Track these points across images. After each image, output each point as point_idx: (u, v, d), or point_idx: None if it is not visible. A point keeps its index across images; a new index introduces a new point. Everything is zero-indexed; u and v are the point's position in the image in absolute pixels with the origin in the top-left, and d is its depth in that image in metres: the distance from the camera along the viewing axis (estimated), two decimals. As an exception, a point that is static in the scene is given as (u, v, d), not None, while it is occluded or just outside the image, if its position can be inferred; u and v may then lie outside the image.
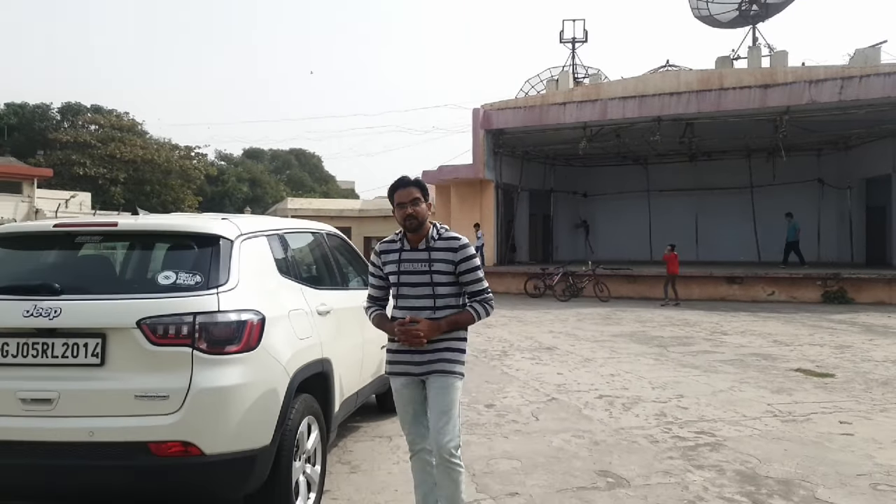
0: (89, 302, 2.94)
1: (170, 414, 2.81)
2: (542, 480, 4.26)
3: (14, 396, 2.84)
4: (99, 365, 2.87)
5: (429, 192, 3.18)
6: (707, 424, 5.56)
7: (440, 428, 2.99)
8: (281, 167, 67.62)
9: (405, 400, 3.14)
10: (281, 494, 3.19)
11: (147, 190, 40.77)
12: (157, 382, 2.83)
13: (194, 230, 3.25)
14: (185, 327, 2.86)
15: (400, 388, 3.13)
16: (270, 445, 3.07)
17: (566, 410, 6.08)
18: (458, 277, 3.10)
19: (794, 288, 16.89)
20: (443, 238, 3.12)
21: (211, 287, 3.00)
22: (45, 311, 2.85)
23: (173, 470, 2.83)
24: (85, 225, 3.30)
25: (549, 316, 13.95)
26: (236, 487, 2.98)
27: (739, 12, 23.08)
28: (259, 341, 3.05)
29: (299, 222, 4.49)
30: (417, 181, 3.14)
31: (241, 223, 3.45)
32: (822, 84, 16.81)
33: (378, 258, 3.21)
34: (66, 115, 44.85)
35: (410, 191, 3.07)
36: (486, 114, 21.02)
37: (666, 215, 24.53)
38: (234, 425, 2.91)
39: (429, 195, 3.19)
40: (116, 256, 3.43)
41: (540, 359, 8.80)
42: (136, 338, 2.85)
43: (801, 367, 8.13)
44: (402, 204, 3.07)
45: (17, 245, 3.40)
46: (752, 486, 4.15)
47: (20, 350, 2.90)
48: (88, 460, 2.79)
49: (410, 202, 3.05)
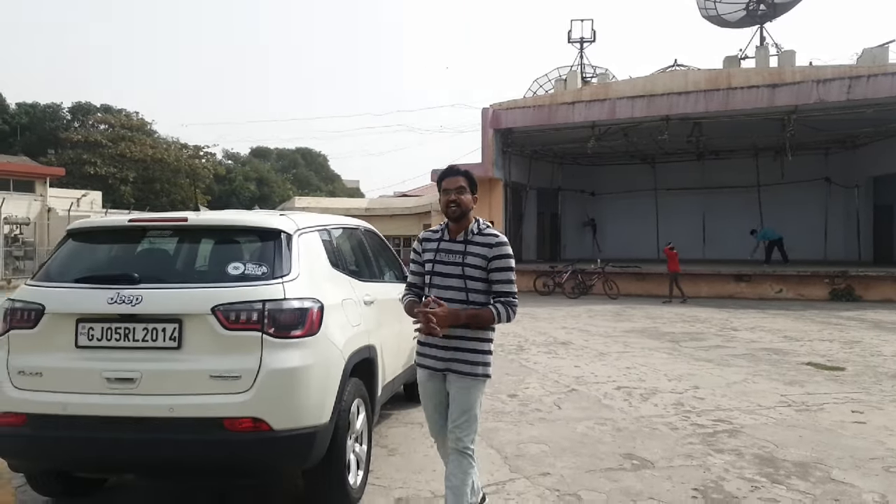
0: (167, 290, 3.20)
1: (242, 392, 3.06)
2: (571, 462, 4.51)
3: (100, 376, 3.11)
4: (176, 348, 3.12)
5: (477, 187, 3.22)
6: (724, 413, 5.80)
7: (459, 424, 3.06)
8: (287, 166, 67.98)
9: (427, 392, 3.19)
10: (337, 469, 3.45)
11: (157, 189, 41.12)
12: (230, 363, 3.09)
13: (258, 225, 3.51)
14: (255, 314, 3.12)
15: (424, 381, 3.19)
16: (329, 423, 3.33)
17: (587, 400, 6.31)
18: (489, 274, 3.08)
19: (802, 286, 17.09)
20: (482, 233, 3.12)
21: (276, 277, 3.26)
22: (128, 299, 3.11)
23: (244, 444, 3.08)
24: (157, 220, 3.56)
25: (560, 312, 14.18)
26: (299, 461, 3.23)
27: (747, 12, 23.26)
28: (319, 327, 3.31)
29: (341, 219, 4.74)
30: (467, 172, 3.18)
31: (296, 219, 3.71)
32: (830, 83, 16.97)
33: (420, 245, 3.26)
34: (76, 115, 45.29)
35: (457, 179, 3.12)
36: (496, 113, 21.25)
37: (673, 214, 24.76)
38: (299, 403, 3.16)
39: (476, 189, 3.21)
40: (185, 249, 3.68)
41: (556, 353, 9.04)
42: (210, 323, 3.11)
43: (811, 360, 8.35)
44: (448, 190, 3.11)
45: (94, 239, 3.67)
46: (771, 468, 4.39)
47: (104, 334, 3.16)
48: (169, 434, 3.05)
49: (455, 189, 3.10)
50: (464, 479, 3.06)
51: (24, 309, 3.26)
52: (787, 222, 22.62)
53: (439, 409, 3.16)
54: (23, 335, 3.24)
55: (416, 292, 3.28)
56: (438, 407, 3.16)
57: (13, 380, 3.21)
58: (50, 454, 3.22)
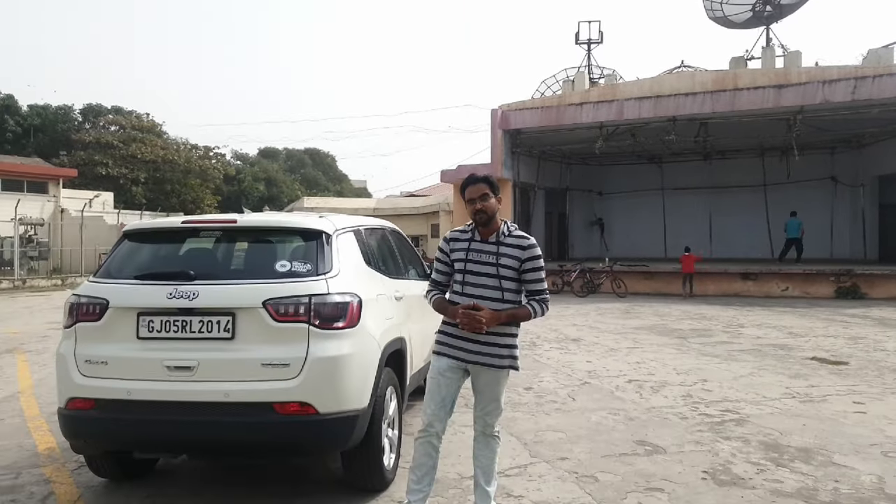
0: (221, 286, 3.51)
1: (290, 379, 3.36)
2: (587, 448, 4.80)
3: (161, 364, 3.41)
4: (230, 338, 3.42)
5: (499, 188, 3.37)
6: (731, 404, 6.07)
7: (489, 411, 3.32)
8: (295, 166, 68.37)
9: (443, 381, 3.28)
10: (374, 451, 3.75)
11: (167, 189, 41.50)
12: (279, 352, 3.38)
13: (300, 226, 3.81)
14: (302, 307, 3.42)
15: (443, 370, 3.28)
16: (368, 408, 3.62)
17: (599, 392, 6.59)
18: (522, 275, 3.24)
19: (808, 284, 17.31)
20: (513, 235, 3.29)
21: (320, 274, 3.56)
22: (185, 294, 3.42)
23: (293, 426, 3.37)
24: (209, 221, 3.88)
25: (569, 310, 14.44)
26: (342, 442, 3.52)
27: (753, 13, 23.43)
28: (359, 319, 3.60)
29: (370, 220, 5.04)
30: (487, 178, 3.31)
31: (334, 220, 4.01)
32: (835, 84, 17.17)
33: (447, 244, 3.38)
34: (87, 117, 45.76)
35: (480, 187, 3.25)
36: (504, 114, 21.51)
37: (680, 213, 24.99)
38: (342, 389, 3.46)
39: (499, 191, 3.35)
40: (234, 248, 3.98)
41: (568, 349, 9.32)
42: (261, 316, 3.40)
43: (816, 355, 8.61)
44: (472, 200, 3.25)
45: (148, 239, 3.99)
46: (776, 453, 4.66)
47: (163, 326, 3.46)
48: (225, 417, 3.35)
49: (479, 198, 3.23)
50: (492, 458, 3.38)
51: (90, 303, 3.57)
52: (793, 221, 22.85)
53: (446, 401, 3.30)
54: (89, 327, 3.55)
55: (442, 290, 3.43)
56: (446, 399, 3.31)
57: (81, 368, 3.52)
58: (116, 436, 3.52)
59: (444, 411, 3.31)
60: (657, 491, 3.97)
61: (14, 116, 43.83)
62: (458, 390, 3.37)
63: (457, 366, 3.30)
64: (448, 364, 3.30)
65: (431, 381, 3.34)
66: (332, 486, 4.06)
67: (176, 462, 4.52)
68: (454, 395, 3.34)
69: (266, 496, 3.93)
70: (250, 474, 4.34)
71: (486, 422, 3.34)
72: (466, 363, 3.28)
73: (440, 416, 3.31)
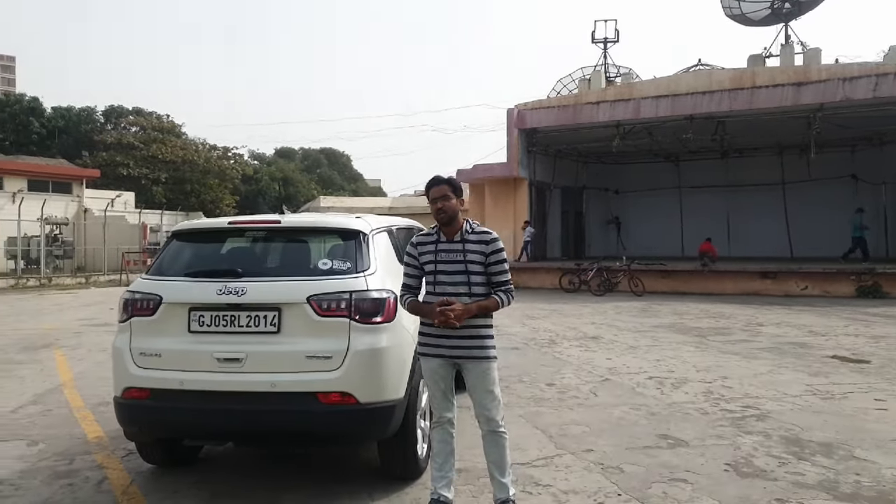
0: (267, 283, 3.71)
1: (333, 370, 3.55)
2: (611, 441, 4.95)
3: (211, 356, 3.61)
4: (276, 332, 3.62)
5: (462, 190, 3.54)
6: (751, 400, 6.18)
7: (487, 405, 3.42)
8: (311, 166, 68.89)
9: (438, 377, 3.47)
10: (410, 440, 3.94)
11: (187, 189, 42.08)
12: (322, 345, 3.58)
13: (340, 226, 4.02)
14: (343, 303, 3.61)
15: (436, 368, 3.46)
16: (404, 398, 3.81)
17: (620, 389, 6.73)
18: (487, 268, 3.43)
19: (828, 282, 17.26)
20: (475, 232, 3.48)
21: (359, 271, 3.76)
22: (234, 290, 3.62)
23: (335, 415, 3.57)
24: (254, 222, 4.08)
25: (587, 309, 14.56)
26: (381, 431, 3.71)
27: (772, 10, 23.41)
28: (395, 314, 3.78)
29: (400, 220, 5.23)
30: (449, 179, 3.51)
31: (369, 220, 4.20)
32: (856, 81, 17.11)
33: (415, 249, 3.55)
34: (109, 118, 46.47)
35: (442, 188, 3.45)
36: (521, 113, 21.65)
37: (697, 212, 24.97)
38: (381, 380, 3.65)
39: (461, 193, 3.53)
40: (278, 247, 4.18)
41: (587, 346, 9.46)
42: (306, 311, 3.60)
43: (836, 354, 8.67)
44: (435, 199, 3.45)
45: (196, 238, 4.20)
46: (797, 447, 4.78)
47: (213, 321, 3.67)
48: (272, 406, 3.55)
49: (441, 198, 3.43)
50: (502, 453, 3.51)
51: (144, 299, 3.78)
52: (813, 220, 22.76)
53: (447, 393, 3.50)
54: (143, 321, 3.77)
55: (414, 293, 3.58)
56: (446, 391, 3.50)
57: (136, 360, 3.74)
58: (170, 424, 3.74)
59: (449, 402, 3.53)
60: (681, 482, 4.11)
61: (39, 118, 44.65)
62: (454, 378, 3.54)
63: (445, 361, 3.47)
64: (438, 362, 3.47)
65: (429, 380, 3.53)
66: (368, 474, 4.24)
67: (219, 450, 4.73)
68: (452, 385, 3.52)
69: (305, 484, 4.12)
70: (289, 463, 4.54)
71: (488, 416, 3.46)
72: (453, 359, 3.45)
73: (446, 406, 3.53)
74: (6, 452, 4.78)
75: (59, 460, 4.58)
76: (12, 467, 4.46)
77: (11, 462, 4.56)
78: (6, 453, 4.76)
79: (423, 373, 3.56)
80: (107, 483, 4.14)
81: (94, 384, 7.01)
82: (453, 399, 3.57)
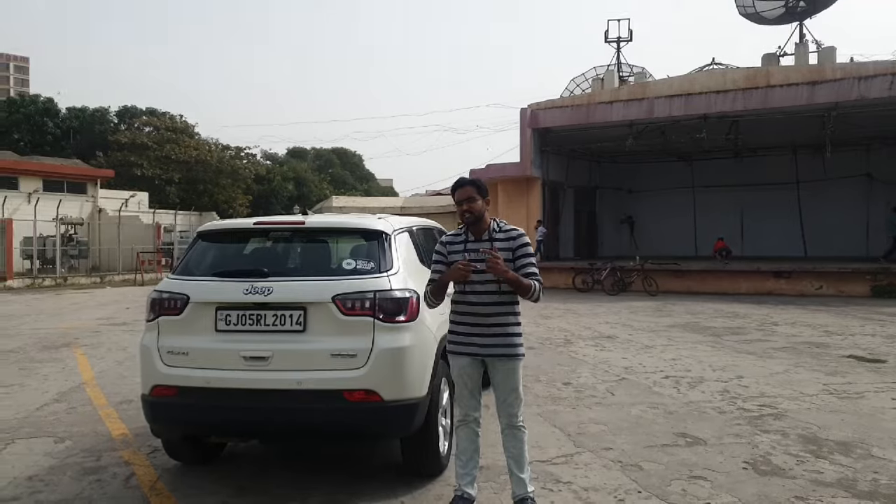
0: (293, 282, 3.78)
1: (358, 368, 3.62)
2: (630, 439, 4.98)
3: (238, 355, 3.69)
4: (302, 331, 3.69)
5: (487, 190, 3.61)
6: (768, 399, 6.20)
7: (510, 402, 3.52)
8: (323, 166, 69.06)
9: (466, 376, 3.52)
10: (432, 437, 3.99)
11: (200, 189, 42.32)
12: (347, 344, 3.64)
13: (363, 227, 4.08)
14: (368, 302, 3.67)
15: (465, 367, 3.52)
16: (427, 396, 3.86)
17: (637, 388, 6.76)
18: (515, 262, 3.48)
19: (843, 282, 17.16)
20: (502, 230, 3.56)
21: (382, 271, 3.82)
22: (261, 290, 3.69)
23: (359, 412, 3.63)
24: (279, 223, 4.15)
25: (601, 308, 14.56)
26: (405, 428, 3.77)
27: (786, 9, 23.25)
28: (418, 313, 3.84)
29: (420, 220, 5.29)
30: (474, 181, 3.58)
31: (392, 221, 4.27)
32: (871, 80, 16.98)
33: (444, 247, 3.61)
34: (123, 118, 46.85)
35: (467, 190, 3.52)
36: (534, 113, 21.65)
37: (711, 211, 24.85)
38: (405, 378, 3.71)
39: (487, 193, 3.60)
40: (302, 247, 4.24)
41: (603, 346, 9.48)
42: (331, 310, 3.67)
43: (852, 353, 8.65)
44: (460, 202, 3.53)
45: (221, 238, 4.28)
46: (814, 445, 4.80)
47: (240, 320, 3.74)
48: (298, 403, 3.61)
49: (466, 200, 3.50)
50: (521, 448, 3.58)
51: (171, 298, 3.86)
52: (827, 219, 22.62)
53: (474, 392, 3.57)
54: (171, 321, 3.85)
55: None
56: (474, 390, 3.56)
57: (164, 358, 3.82)
58: (197, 421, 3.81)
59: (476, 400, 3.60)
60: (700, 479, 4.15)
61: (53, 119, 45.10)
62: (481, 377, 3.60)
63: (474, 360, 3.53)
64: (467, 361, 3.53)
65: (457, 378, 3.58)
66: (391, 471, 4.30)
67: (241, 448, 4.81)
68: (480, 384, 3.59)
69: (328, 481, 4.18)
70: (312, 460, 4.62)
71: (510, 412, 3.54)
72: (483, 357, 3.51)
73: (473, 405, 3.59)
74: (35, 448, 4.88)
75: (87, 457, 4.67)
76: (41, 463, 4.56)
77: (40, 458, 4.66)
78: (35, 449, 4.86)
79: (452, 371, 3.61)
80: (134, 479, 4.23)
81: (116, 382, 7.13)
82: (480, 398, 3.63)
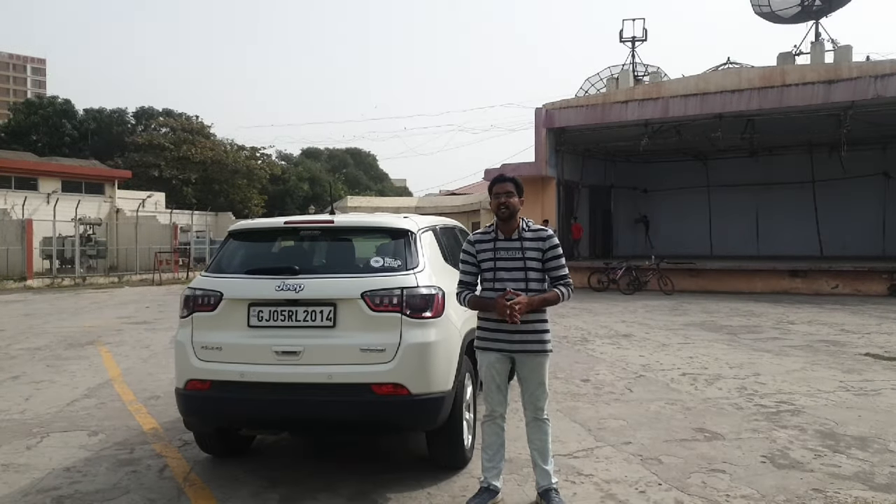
0: (324, 280, 3.90)
1: (386, 363, 3.73)
2: (649, 434, 5.07)
3: (270, 350, 3.82)
4: (332, 326, 3.81)
5: (524, 190, 3.74)
6: (785, 396, 6.25)
7: (538, 395, 3.68)
8: (337, 166, 69.41)
9: (495, 372, 3.63)
10: (457, 431, 4.10)
11: (216, 189, 42.74)
12: (376, 339, 3.76)
13: (389, 225, 4.20)
14: (395, 298, 3.79)
15: (494, 363, 3.63)
16: (452, 390, 3.97)
17: (655, 385, 6.83)
18: (545, 264, 3.59)
19: (859, 281, 17.08)
20: (531, 230, 3.66)
21: (409, 269, 3.94)
22: (292, 287, 3.82)
23: (388, 405, 3.75)
24: (308, 222, 4.27)
25: (617, 307, 14.61)
26: (431, 421, 3.88)
27: (802, 7, 23.16)
28: (444, 310, 3.95)
29: (442, 219, 5.40)
30: (514, 179, 3.71)
31: (417, 220, 4.39)
32: (888, 78, 16.88)
33: (472, 247, 3.71)
34: (140, 119, 47.40)
35: (506, 185, 3.66)
36: (549, 113, 21.69)
37: (726, 210, 24.80)
38: (431, 372, 3.82)
39: (523, 192, 3.73)
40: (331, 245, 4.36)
41: (620, 344, 9.55)
42: (360, 306, 3.79)
43: (869, 352, 8.66)
44: (499, 195, 3.64)
45: (252, 237, 4.42)
46: (832, 440, 4.86)
47: (272, 316, 3.87)
48: (329, 397, 3.74)
49: (505, 194, 3.62)
50: (545, 440, 3.72)
51: (205, 295, 4.00)
52: (843, 218, 22.49)
53: (502, 388, 3.68)
54: (204, 317, 3.98)
55: (471, 289, 3.72)
56: (501, 385, 3.68)
57: (198, 353, 3.95)
58: (230, 414, 3.95)
59: (503, 396, 3.71)
60: (719, 472, 4.23)
61: (71, 120, 45.70)
62: (508, 374, 3.72)
63: (503, 356, 3.64)
64: (496, 356, 3.64)
65: (485, 374, 3.69)
66: (416, 463, 4.41)
67: (269, 441, 4.95)
68: (507, 380, 3.70)
69: (356, 472, 4.30)
70: (340, 453, 4.74)
71: (536, 405, 3.68)
72: (511, 353, 3.61)
73: (500, 400, 3.71)
74: (69, 441, 5.05)
75: (120, 449, 4.83)
76: (77, 455, 4.72)
77: (76, 451, 4.82)
78: (69, 442, 5.03)
79: (480, 367, 3.73)
80: (168, 471, 4.38)
81: (143, 379, 7.30)
82: (507, 394, 3.75)
